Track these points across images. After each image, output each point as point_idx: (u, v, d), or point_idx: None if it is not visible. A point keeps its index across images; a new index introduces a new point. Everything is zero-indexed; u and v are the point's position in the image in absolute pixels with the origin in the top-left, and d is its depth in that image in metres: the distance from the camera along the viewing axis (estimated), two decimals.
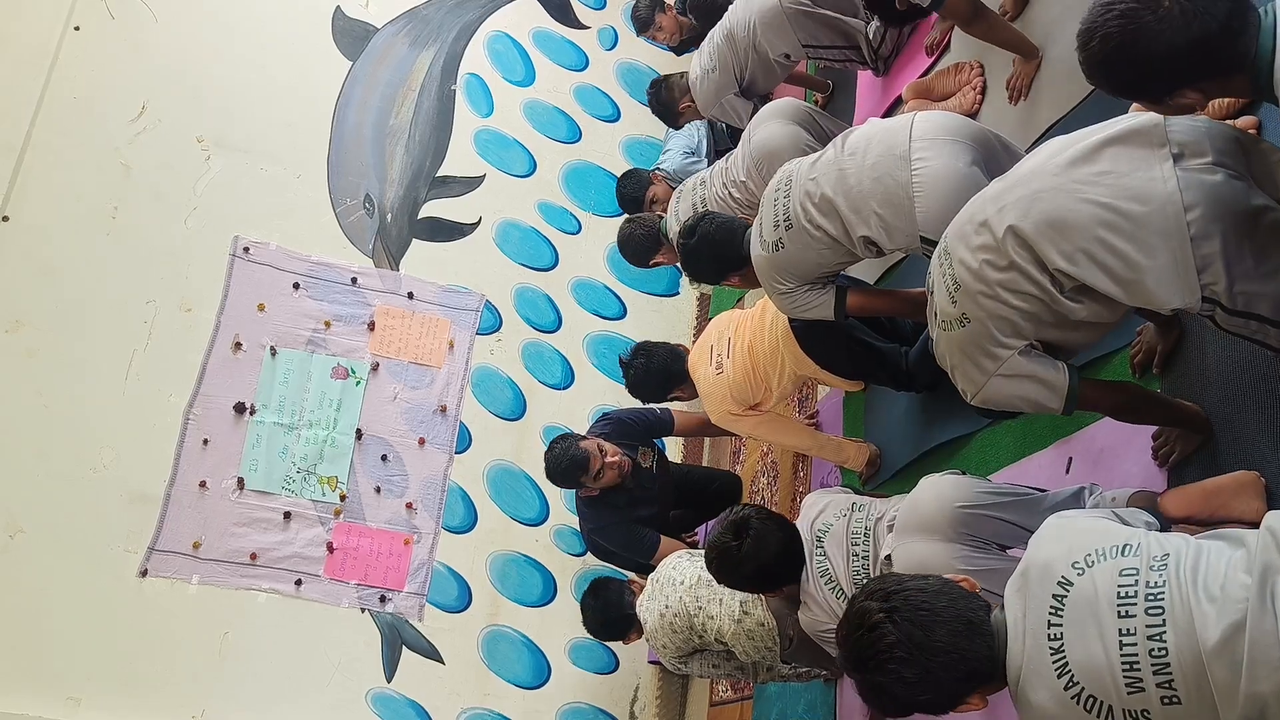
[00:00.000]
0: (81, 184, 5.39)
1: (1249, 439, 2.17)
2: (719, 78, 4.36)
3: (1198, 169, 1.78)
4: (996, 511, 2.32)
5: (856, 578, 2.59)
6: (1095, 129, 1.94)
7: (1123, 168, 1.84)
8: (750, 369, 3.61)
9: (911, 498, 2.47)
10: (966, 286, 2.07)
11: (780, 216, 2.91)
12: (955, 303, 2.11)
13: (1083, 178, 1.88)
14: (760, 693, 4.28)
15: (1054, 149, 1.98)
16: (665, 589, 3.56)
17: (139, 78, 5.63)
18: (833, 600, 2.66)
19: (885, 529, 2.55)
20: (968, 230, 2.08)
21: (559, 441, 4.17)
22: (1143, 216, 1.80)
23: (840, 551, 2.63)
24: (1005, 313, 2.03)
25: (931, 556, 2.31)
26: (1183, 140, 1.81)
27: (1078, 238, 1.88)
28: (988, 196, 2.07)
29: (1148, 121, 1.86)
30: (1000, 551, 2.32)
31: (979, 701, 1.63)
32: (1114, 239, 1.84)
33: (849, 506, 2.71)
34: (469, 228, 5.99)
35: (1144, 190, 1.81)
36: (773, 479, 4.58)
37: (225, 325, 5.39)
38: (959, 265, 2.08)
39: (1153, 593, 1.43)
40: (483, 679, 5.25)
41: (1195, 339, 2.37)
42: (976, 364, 2.13)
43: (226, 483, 5.18)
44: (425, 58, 6.20)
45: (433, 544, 5.37)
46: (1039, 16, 3.26)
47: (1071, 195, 1.88)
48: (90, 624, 4.83)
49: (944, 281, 2.14)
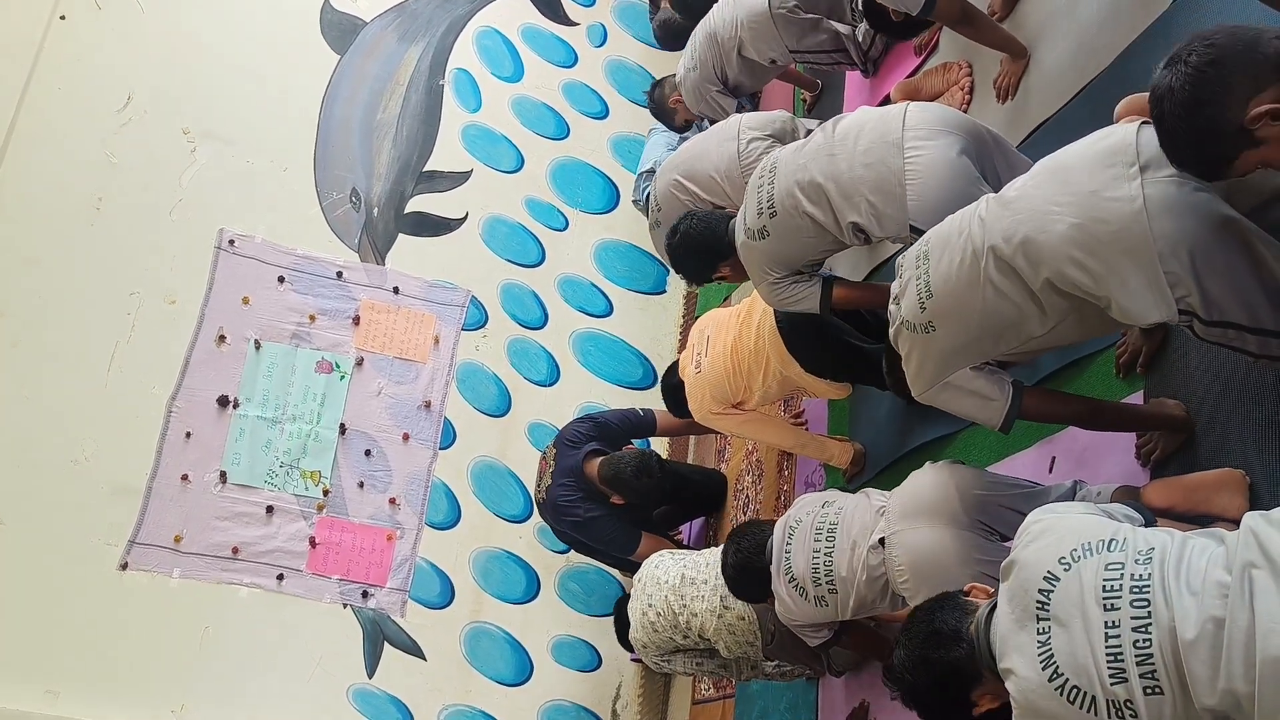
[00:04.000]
0: (66, 175, 5.35)
1: (1232, 439, 2.18)
2: (699, 76, 4.36)
3: (1164, 181, 1.80)
4: (1012, 502, 2.32)
5: (814, 574, 2.59)
6: (1079, 144, 1.96)
7: (1094, 186, 1.87)
8: (732, 367, 3.60)
9: (912, 483, 2.47)
10: (939, 298, 2.09)
11: (764, 204, 2.90)
12: (924, 309, 2.14)
13: (1061, 198, 1.90)
14: (742, 691, 4.28)
15: (1047, 167, 2.00)
16: (648, 588, 3.56)
17: (125, 68, 5.59)
18: (796, 595, 2.66)
19: (872, 516, 2.52)
20: (953, 242, 2.10)
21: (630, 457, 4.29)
22: (1110, 236, 1.83)
23: (804, 548, 2.64)
24: (972, 333, 2.06)
25: (942, 544, 2.30)
26: (1149, 153, 1.83)
27: (1052, 259, 1.91)
28: (976, 215, 2.08)
29: (1121, 139, 1.88)
30: (1002, 543, 2.32)
31: (990, 701, 1.66)
32: (1084, 258, 1.87)
33: (820, 504, 2.72)
34: (456, 223, 5.97)
35: (1111, 210, 1.83)
36: (758, 477, 4.59)
37: (209, 318, 5.36)
38: (936, 275, 2.11)
39: (1138, 585, 1.44)
40: (465, 675, 5.23)
41: (1180, 340, 2.38)
42: (928, 368, 2.17)
43: (209, 476, 5.15)
44: (414, 52, 6.19)
45: (416, 540, 5.36)
46: (1028, 17, 3.27)
47: (1049, 215, 1.91)
48: (70, 617, 4.79)
49: (917, 283, 2.16)
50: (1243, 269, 1.76)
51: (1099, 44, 2.91)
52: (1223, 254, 1.77)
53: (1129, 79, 2.72)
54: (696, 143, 3.89)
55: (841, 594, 2.55)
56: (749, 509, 4.61)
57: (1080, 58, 2.97)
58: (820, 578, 2.57)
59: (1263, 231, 1.80)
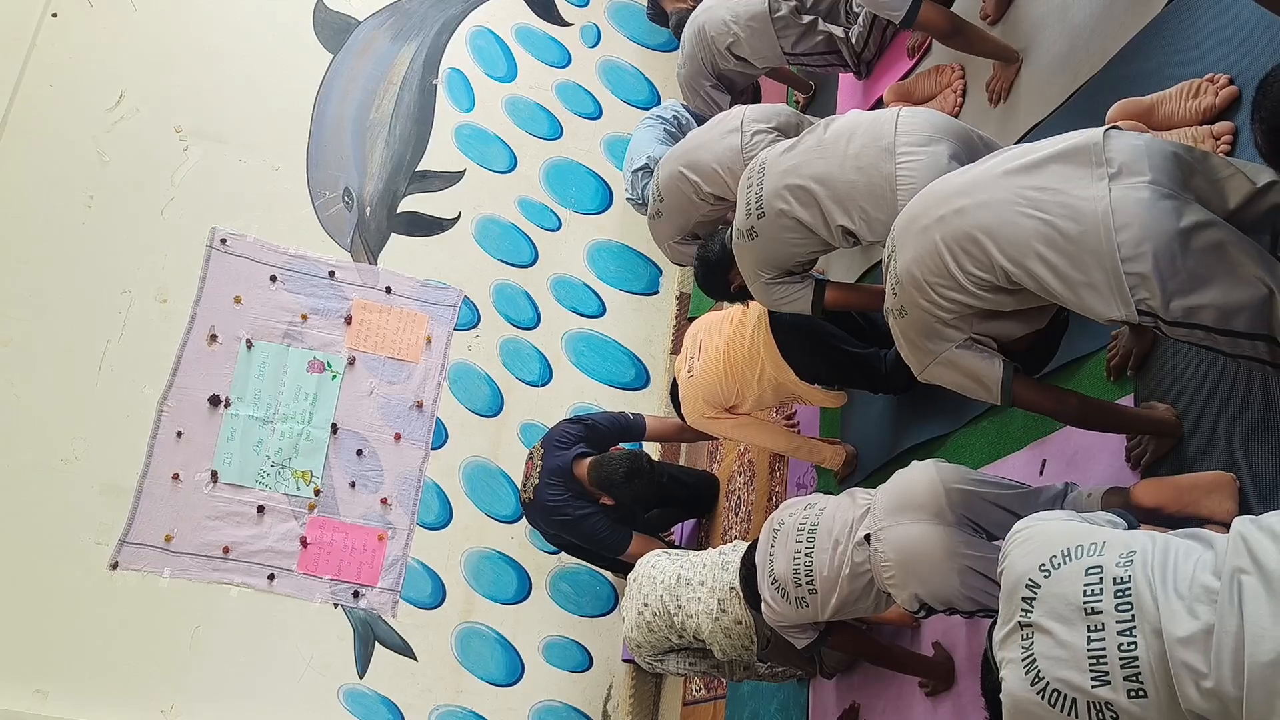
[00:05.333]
0: (57, 173, 5.33)
1: (1222, 442, 2.19)
2: (688, 72, 4.38)
3: (1132, 187, 1.83)
4: (999, 500, 2.34)
5: (795, 575, 2.60)
6: (1043, 144, 2.00)
7: (1061, 184, 1.90)
8: (724, 371, 3.60)
9: (900, 479, 2.48)
10: (904, 283, 2.15)
11: (753, 204, 2.91)
12: (895, 295, 2.21)
13: (1025, 191, 1.94)
14: (733, 692, 4.28)
15: (1004, 158, 2.06)
16: (644, 588, 3.56)
17: (117, 66, 5.58)
18: (778, 597, 2.67)
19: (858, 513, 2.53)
20: (913, 229, 2.15)
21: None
22: (1077, 235, 1.86)
23: (785, 550, 2.64)
24: (938, 312, 2.12)
25: (928, 539, 2.32)
26: (1121, 159, 1.86)
27: (1014, 250, 1.95)
28: (936, 195, 2.13)
29: (1088, 140, 1.92)
30: (990, 542, 2.33)
31: None
32: (1050, 254, 1.90)
33: (803, 506, 2.72)
34: (448, 223, 5.96)
35: (1078, 209, 1.87)
36: (749, 479, 4.59)
37: (201, 317, 5.35)
38: (900, 262, 2.16)
39: (1120, 588, 1.45)
40: (456, 676, 5.23)
41: (1170, 342, 2.38)
42: (917, 350, 2.22)
43: (200, 475, 5.14)
44: (407, 52, 6.18)
45: (407, 540, 5.35)
46: (1020, 20, 3.27)
47: (1012, 207, 1.95)
48: (59, 616, 4.78)
49: (890, 273, 2.22)
50: (1213, 272, 1.79)
51: (1091, 48, 2.92)
52: (1188, 258, 1.79)
53: (1120, 83, 2.73)
54: (699, 134, 3.88)
55: (822, 594, 2.55)
56: (741, 511, 4.61)
57: (1073, 62, 2.98)
58: (801, 578, 2.58)
59: (1239, 233, 1.82)
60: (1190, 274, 1.79)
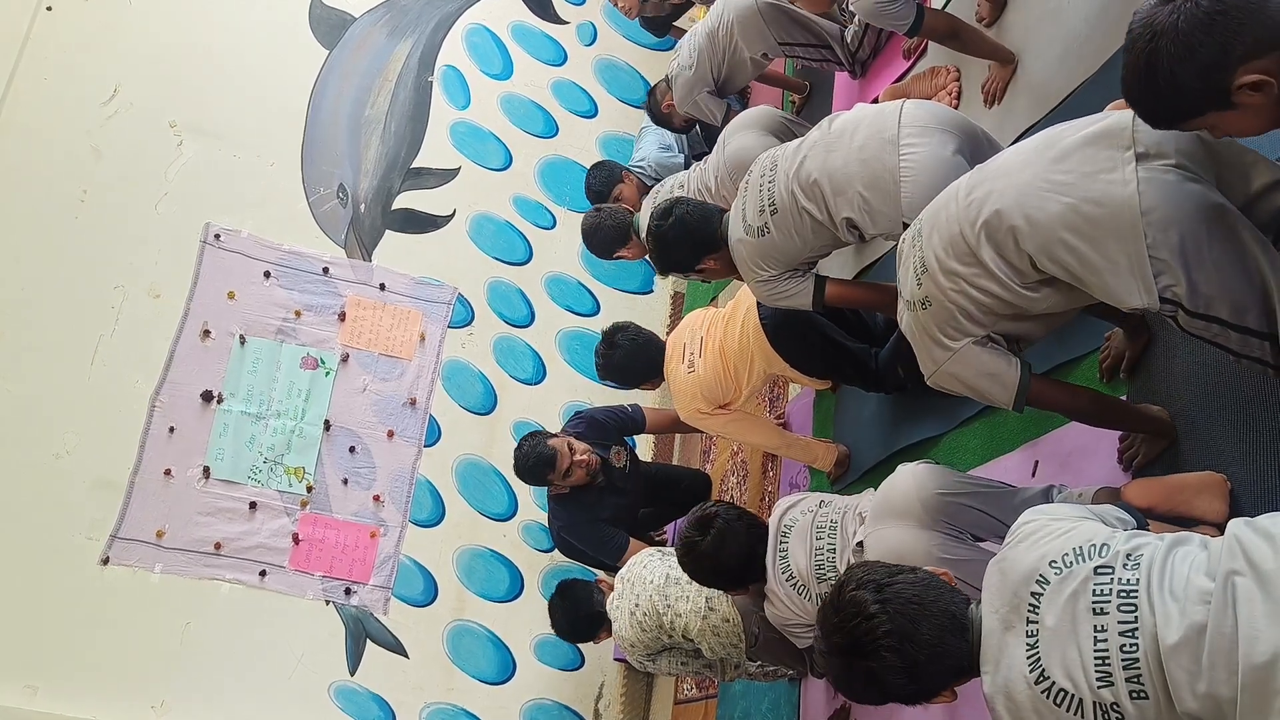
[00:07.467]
0: (50, 166, 5.32)
1: (1215, 444, 2.20)
2: (694, 75, 4.39)
3: (1159, 170, 1.80)
4: (973, 501, 2.34)
5: (819, 571, 2.60)
6: (1072, 126, 1.96)
7: (1089, 169, 1.86)
8: (721, 369, 3.61)
9: (886, 485, 2.48)
10: (932, 271, 2.11)
11: (766, 202, 2.90)
12: (920, 285, 2.16)
13: (1055, 177, 1.90)
14: (725, 691, 4.28)
15: (1035, 145, 2.00)
16: (635, 587, 3.56)
17: (111, 60, 5.56)
18: (795, 596, 2.67)
19: (856, 518, 2.55)
20: (942, 217, 2.11)
21: (528, 439, 4.17)
22: (1101, 219, 1.83)
23: (804, 546, 2.65)
24: (964, 303, 2.08)
25: (907, 543, 2.32)
26: (1148, 141, 1.82)
27: (1041, 236, 1.91)
28: (967, 185, 2.09)
29: (1117, 122, 1.88)
30: (973, 543, 2.34)
31: (950, 695, 1.65)
32: (1074, 240, 1.87)
33: (816, 504, 2.73)
34: (443, 220, 5.96)
35: (1105, 193, 1.83)
36: (742, 478, 4.59)
37: (194, 312, 5.34)
38: (929, 249, 2.12)
39: (1125, 590, 1.45)
40: (447, 674, 5.23)
41: (1163, 344, 2.39)
42: (934, 347, 2.17)
43: (192, 471, 5.13)
44: (403, 48, 6.17)
45: (399, 537, 5.34)
46: (1015, 22, 3.28)
47: (1041, 194, 1.91)
48: (50, 611, 4.76)
49: (913, 260, 2.18)
50: (1231, 262, 1.76)
51: (1086, 50, 2.92)
52: (1213, 246, 1.76)
53: (1115, 86, 2.73)
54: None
55: None
56: None
57: (1067, 63, 2.98)
58: (826, 574, 2.59)
59: (1252, 225, 1.79)
60: (1215, 261, 1.75)
